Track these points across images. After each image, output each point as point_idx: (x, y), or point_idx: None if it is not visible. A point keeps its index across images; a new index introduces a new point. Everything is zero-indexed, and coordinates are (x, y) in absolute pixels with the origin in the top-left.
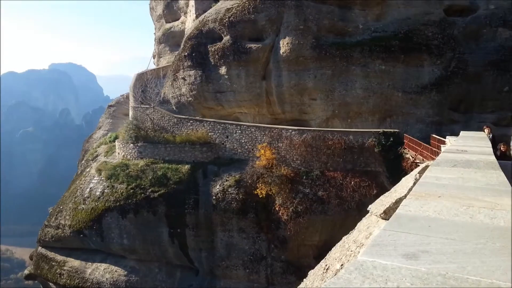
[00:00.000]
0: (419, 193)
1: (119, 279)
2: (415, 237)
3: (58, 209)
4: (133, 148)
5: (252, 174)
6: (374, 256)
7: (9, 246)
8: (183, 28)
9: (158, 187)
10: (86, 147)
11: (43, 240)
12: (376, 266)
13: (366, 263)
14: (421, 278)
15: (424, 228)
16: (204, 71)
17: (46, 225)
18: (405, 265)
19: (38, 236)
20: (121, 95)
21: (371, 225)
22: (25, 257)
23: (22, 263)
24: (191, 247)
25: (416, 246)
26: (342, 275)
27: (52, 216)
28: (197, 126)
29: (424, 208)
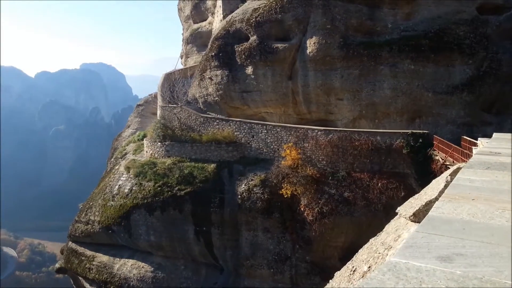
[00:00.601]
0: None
1: (146, 275)
2: (449, 239)
3: (88, 206)
4: (160, 146)
5: (278, 174)
6: (408, 258)
7: (41, 240)
8: (210, 29)
9: (184, 186)
10: (115, 145)
11: (74, 235)
12: (410, 267)
13: (400, 264)
14: (456, 281)
15: (458, 231)
16: (230, 71)
17: (77, 220)
18: (440, 267)
19: (68, 231)
20: (149, 95)
21: (400, 228)
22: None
23: (53, 257)
24: (216, 245)
25: (450, 249)
26: (375, 276)
27: (82, 212)
28: (223, 126)
29: (458, 211)
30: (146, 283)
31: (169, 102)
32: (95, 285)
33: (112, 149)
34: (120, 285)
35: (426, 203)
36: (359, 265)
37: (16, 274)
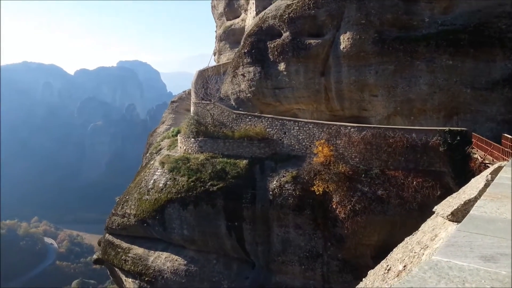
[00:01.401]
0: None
1: (179, 268)
2: (492, 239)
3: (124, 199)
4: (194, 142)
5: (309, 171)
6: (449, 257)
7: (80, 232)
8: (243, 26)
9: (217, 181)
10: (150, 141)
11: (110, 227)
12: (452, 266)
13: (441, 263)
14: (501, 282)
15: (502, 231)
16: (263, 68)
17: (113, 213)
18: (483, 267)
19: (105, 224)
20: (183, 91)
21: (437, 227)
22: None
23: (91, 248)
24: (248, 240)
25: (494, 249)
26: (416, 274)
27: (118, 206)
28: (255, 122)
29: (501, 210)
30: (179, 276)
31: (203, 99)
32: (130, 277)
33: (147, 145)
34: (155, 277)
35: (465, 202)
36: (393, 264)
37: (56, 264)
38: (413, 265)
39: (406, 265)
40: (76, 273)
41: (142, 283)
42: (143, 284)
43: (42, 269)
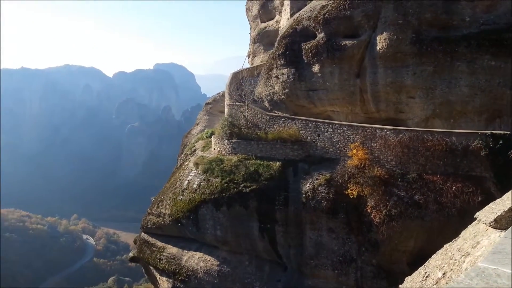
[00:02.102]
0: None
1: (212, 268)
2: None
3: (159, 199)
4: (227, 144)
5: (343, 174)
6: (497, 264)
7: (116, 230)
8: (277, 27)
9: (250, 183)
10: (185, 142)
11: (146, 226)
12: (500, 274)
13: (488, 270)
14: None
15: None
16: (297, 69)
17: (149, 213)
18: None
19: (141, 223)
20: (217, 93)
21: (479, 234)
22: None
23: (126, 246)
24: (280, 243)
25: None
26: (462, 280)
27: (154, 205)
28: (289, 124)
29: None
30: (212, 276)
31: (236, 101)
32: (164, 275)
33: (182, 146)
34: (188, 276)
35: (510, 209)
36: (432, 271)
37: (94, 261)
38: (453, 272)
39: (446, 273)
40: (112, 270)
41: (176, 282)
42: (176, 283)
43: (80, 265)
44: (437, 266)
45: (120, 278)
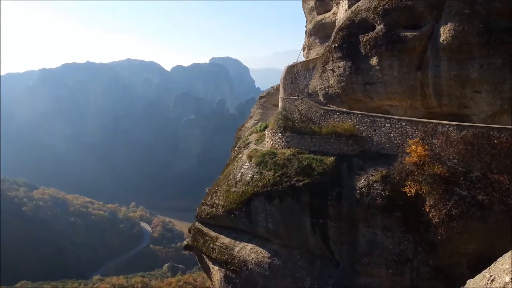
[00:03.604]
0: None
1: (263, 260)
2: None
3: (213, 190)
4: (281, 137)
5: (401, 171)
6: None
7: (171, 218)
8: (334, 20)
9: (302, 177)
10: (239, 135)
11: (200, 216)
12: None
13: None
14: None
15: None
16: (353, 62)
17: (203, 203)
18: None
19: (196, 212)
20: (271, 87)
21: None
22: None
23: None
24: (333, 239)
25: None
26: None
27: (208, 196)
28: (344, 118)
29: None
30: (263, 268)
31: (291, 94)
32: (217, 264)
33: (236, 139)
34: (240, 267)
35: None
36: (498, 274)
37: (150, 247)
38: None
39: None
40: (167, 257)
41: (228, 272)
42: (228, 272)
43: (138, 251)
44: (504, 270)
45: (174, 265)
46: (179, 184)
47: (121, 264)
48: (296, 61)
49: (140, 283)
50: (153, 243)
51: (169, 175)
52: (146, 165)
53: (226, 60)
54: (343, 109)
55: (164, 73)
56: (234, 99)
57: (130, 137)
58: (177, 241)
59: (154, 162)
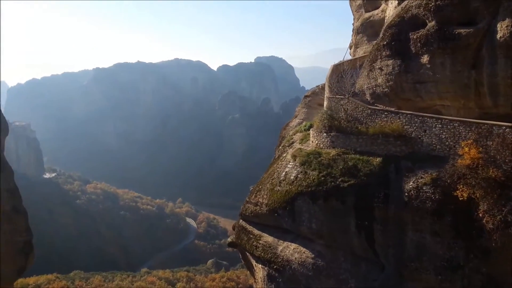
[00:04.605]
0: None
1: (307, 260)
2: None
3: (257, 188)
4: (326, 137)
5: (452, 174)
6: None
7: (216, 215)
8: (382, 17)
9: (348, 178)
10: (283, 134)
11: (244, 214)
12: None
13: None
14: None
15: None
16: (403, 61)
17: (247, 201)
18: None
19: (240, 210)
20: (316, 86)
21: None
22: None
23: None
24: (378, 241)
25: None
26: None
27: (252, 194)
28: (392, 118)
29: None
30: (307, 269)
31: (336, 93)
32: (260, 262)
33: (280, 138)
34: (283, 266)
35: None
36: None
37: (195, 242)
38: None
39: None
40: (211, 253)
41: (271, 270)
42: (271, 271)
43: (183, 246)
44: None
45: (218, 261)
46: (223, 182)
47: (167, 258)
48: (343, 59)
49: (185, 277)
50: (197, 239)
51: (214, 172)
52: (192, 162)
53: (271, 59)
54: (391, 108)
55: (211, 72)
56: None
57: (177, 135)
58: (221, 238)
59: (200, 160)
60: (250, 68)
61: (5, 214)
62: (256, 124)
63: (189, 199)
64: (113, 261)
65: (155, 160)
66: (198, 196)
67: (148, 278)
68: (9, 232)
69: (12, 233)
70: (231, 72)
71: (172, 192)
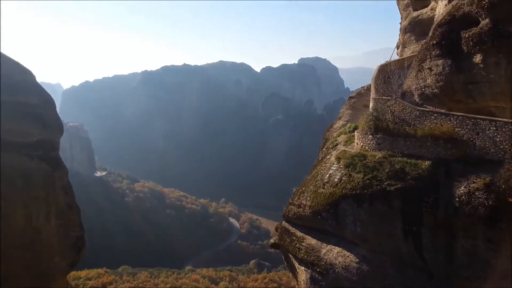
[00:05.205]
0: None
1: (351, 265)
2: None
3: (300, 190)
4: (371, 139)
5: (508, 179)
6: None
7: (258, 216)
8: (432, 15)
9: (394, 181)
10: (327, 136)
11: (287, 215)
12: None
13: None
14: None
15: None
16: (454, 60)
17: (290, 202)
18: None
19: (283, 212)
20: (361, 87)
21: None
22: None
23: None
24: (426, 248)
25: None
26: None
27: (295, 196)
28: (442, 120)
29: None
30: (351, 273)
31: (383, 95)
32: (303, 265)
33: (324, 140)
34: (326, 269)
35: None
36: None
37: (238, 242)
38: None
39: None
40: (253, 254)
41: (314, 273)
42: (314, 274)
43: (226, 245)
44: None
45: (260, 262)
46: (266, 183)
47: (211, 257)
48: (389, 59)
49: (228, 277)
50: (240, 239)
51: (257, 174)
52: (236, 163)
53: (314, 60)
54: (441, 110)
55: (254, 74)
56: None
57: (221, 136)
58: (263, 239)
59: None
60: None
61: (60, 210)
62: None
63: (232, 199)
64: (159, 258)
65: (199, 160)
66: (241, 196)
67: (192, 276)
68: (63, 227)
69: (66, 228)
70: (274, 73)
71: (215, 192)
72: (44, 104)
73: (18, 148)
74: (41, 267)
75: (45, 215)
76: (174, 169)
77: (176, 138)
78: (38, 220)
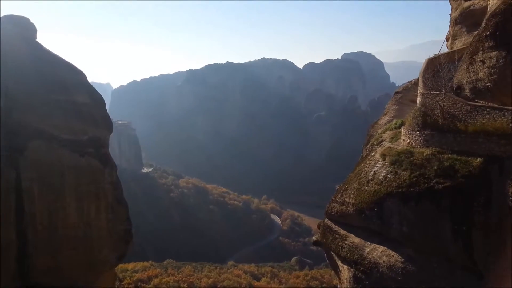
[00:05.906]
0: None
1: (396, 265)
2: None
3: (343, 188)
4: (419, 135)
5: None
6: None
7: (300, 213)
8: (485, 5)
9: (443, 179)
10: (371, 132)
11: (329, 213)
12: None
13: None
14: None
15: None
16: (509, 52)
17: (333, 200)
18: None
19: (325, 209)
20: (408, 82)
21: None
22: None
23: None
24: (477, 248)
25: None
26: None
27: (338, 193)
28: (495, 115)
29: None
30: (396, 273)
31: (431, 89)
32: (346, 263)
33: (368, 136)
34: (370, 268)
35: None
36: None
37: (279, 239)
38: None
39: None
40: (295, 251)
41: (357, 272)
42: (357, 273)
43: (268, 242)
44: None
45: (302, 259)
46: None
47: (252, 253)
48: (438, 52)
49: (269, 273)
50: (282, 236)
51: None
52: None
53: (359, 55)
54: (494, 105)
55: (297, 71)
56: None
57: (263, 133)
58: (304, 236)
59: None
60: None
61: (109, 205)
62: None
63: (274, 196)
64: (202, 252)
65: (242, 157)
66: (282, 193)
67: (234, 271)
68: (112, 221)
69: (114, 222)
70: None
71: (257, 188)
72: (95, 103)
73: (70, 145)
74: (91, 259)
75: (96, 209)
76: (217, 165)
77: (219, 135)
78: (89, 214)
